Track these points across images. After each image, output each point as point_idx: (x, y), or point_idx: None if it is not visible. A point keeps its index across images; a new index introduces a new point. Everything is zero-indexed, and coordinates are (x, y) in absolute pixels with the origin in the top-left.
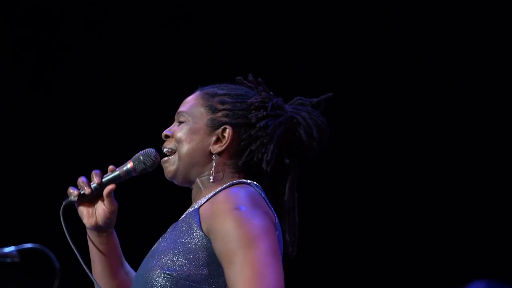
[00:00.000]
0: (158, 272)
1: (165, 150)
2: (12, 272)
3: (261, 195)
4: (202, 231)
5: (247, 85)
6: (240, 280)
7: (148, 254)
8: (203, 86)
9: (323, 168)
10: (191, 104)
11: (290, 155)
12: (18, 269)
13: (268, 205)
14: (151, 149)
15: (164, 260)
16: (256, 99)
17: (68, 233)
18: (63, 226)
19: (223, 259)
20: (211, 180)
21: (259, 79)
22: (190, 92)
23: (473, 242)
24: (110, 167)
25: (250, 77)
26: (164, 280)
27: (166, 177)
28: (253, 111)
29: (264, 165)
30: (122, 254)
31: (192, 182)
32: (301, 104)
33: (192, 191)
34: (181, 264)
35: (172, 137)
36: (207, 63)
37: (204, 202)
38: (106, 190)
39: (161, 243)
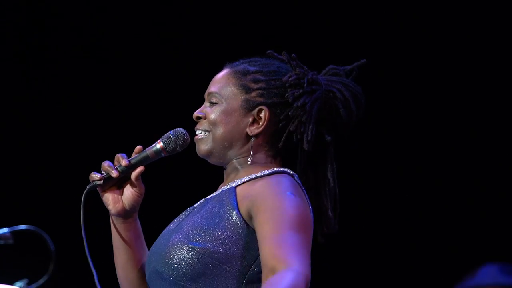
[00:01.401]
0: (182, 244)
1: (198, 131)
2: (5, 254)
3: (302, 187)
4: (238, 211)
5: (278, 58)
6: (281, 247)
7: (171, 227)
8: (231, 62)
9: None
10: (222, 83)
11: (329, 131)
12: (11, 251)
13: (307, 198)
14: (180, 128)
15: (191, 233)
16: (290, 76)
17: (84, 222)
18: (81, 213)
19: (263, 225)
20: (249, 162)
21: (293, 54)
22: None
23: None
24: (138, 147)
25: (285, 55)
26: (186, 252)
27: (199, 154)
28: (288, 89)
29: (305, 146)
30: (144, 242)
31: (227, 162)
32: (334, 74)
33: (226, 170)
34: (208, 240)
35: (205, 119)
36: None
37: (243, 183)
38: (136, 172)
39: (190, 217)
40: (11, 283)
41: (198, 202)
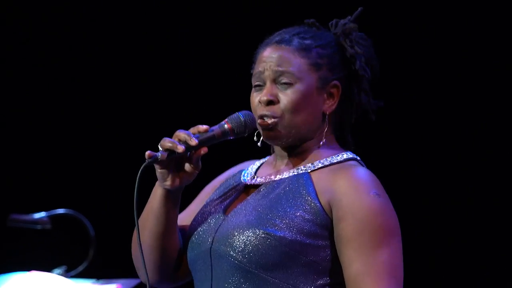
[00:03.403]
0: (256, 229)
1: (266, 118)
2: (43, 240)
3: None
4: (319, 201)
5: (317, 27)
6: (370, 275)
7: (220, 205)
8: (273, 36)
9: None
10: (292, 62)
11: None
12: (49, 236)
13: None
14: (248, 111)
15: (264, 218)
16: (353, 46)
17: (137, 196)
18: (136, 186)
19: (350, 244)
20: (321, 143)
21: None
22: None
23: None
24: (204, 126)
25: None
26: (262, 238)
27: (271, 141)
28: (353, 60)
29: (372, 117)
30: None
31: (294, 144)
32: (347, 30)
33: (287, 150)
34: (284, 228)
35: (277, 103)
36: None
37: (316, 169)
38: (200, 152)
39: (255, 199)
40: (49, 270)
41: (244, 179)
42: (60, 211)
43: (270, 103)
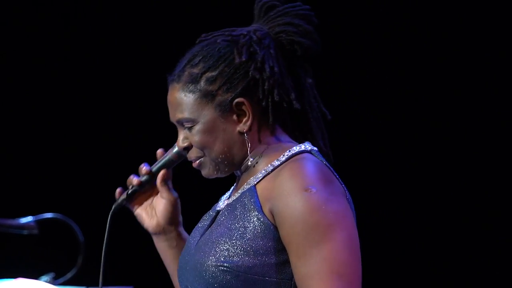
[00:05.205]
0: (214, 265)
1: (192, 160)
2: (30, 245)
3: (327, 165)
4: (263, 213)
5: (211, 37)
6: (312, 277)
7: (197, 234)
8: (170, 73)
9: None
10: (184, 104)
11: (306, 70)
12: (36, 242)
13: (336, 177)
14: None
15: (219, 250)
16: (240, 54)
17: (107, 241)
18: (106, 232)
19: (290, 248)
20: (260, 156)
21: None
22: None
23: None
24: (159, 151)
25: (217, 36)
26: (223, 274)
27: (207, 177)
28: (249, 65)
29: (296, 105)
30: None
31: (238, 168)
32: (270, 8)
33: (240, 171)
34: (240, 255)
35: (192, 146)
36: None
37: (262, 179)
38: (159, 178)
39: (215, 226)
40: (36, 277)
41: (219, 206)
42: (48, 215)
43: (187, 149)
